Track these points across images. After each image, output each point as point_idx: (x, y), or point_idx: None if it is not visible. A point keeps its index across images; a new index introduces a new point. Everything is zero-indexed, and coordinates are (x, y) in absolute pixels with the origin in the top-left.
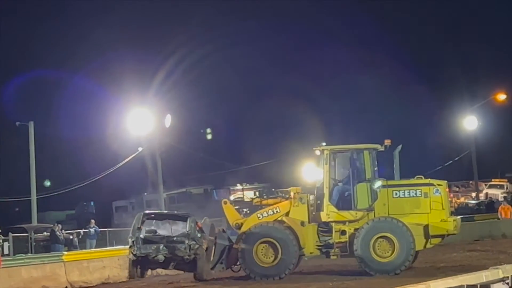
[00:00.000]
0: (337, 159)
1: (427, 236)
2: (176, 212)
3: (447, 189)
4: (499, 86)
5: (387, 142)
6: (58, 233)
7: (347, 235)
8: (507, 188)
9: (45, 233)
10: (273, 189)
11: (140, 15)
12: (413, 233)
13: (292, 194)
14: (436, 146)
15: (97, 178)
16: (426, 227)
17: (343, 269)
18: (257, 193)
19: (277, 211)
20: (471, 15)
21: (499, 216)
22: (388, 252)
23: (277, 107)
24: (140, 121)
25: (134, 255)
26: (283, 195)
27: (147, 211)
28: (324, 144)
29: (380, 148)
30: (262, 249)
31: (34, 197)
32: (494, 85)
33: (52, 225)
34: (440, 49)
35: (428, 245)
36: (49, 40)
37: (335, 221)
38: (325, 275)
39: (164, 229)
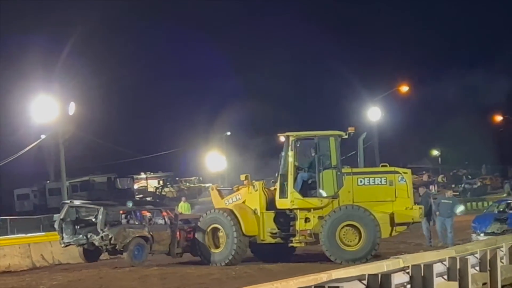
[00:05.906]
0: (302, 146)
1: (392, 224)
2: (92, 201)
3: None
4: (402, 78)
5: (351, 129)
6: None
7: (311, 222)
8: None
9: None
10: (177, 178)
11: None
12: (379, 221)
13: (245, 181)
14: None
15: None
16: (391, 215)
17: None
18: (161, 182)
19: (238, 198)
20: (375, 8)
21: None
22: (354, 240)
23: (182, 96)
24: (44, 108)
25: (61, 244)
26: (188, 184)
27: (66, 201)
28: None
29: (344, 135)
30: (212, 235)
31: None
32: (398, 77)
33: None
34: (345, 42)
35: (394, 233)
36: None
37: (299, 208)
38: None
39: (89, 218)
